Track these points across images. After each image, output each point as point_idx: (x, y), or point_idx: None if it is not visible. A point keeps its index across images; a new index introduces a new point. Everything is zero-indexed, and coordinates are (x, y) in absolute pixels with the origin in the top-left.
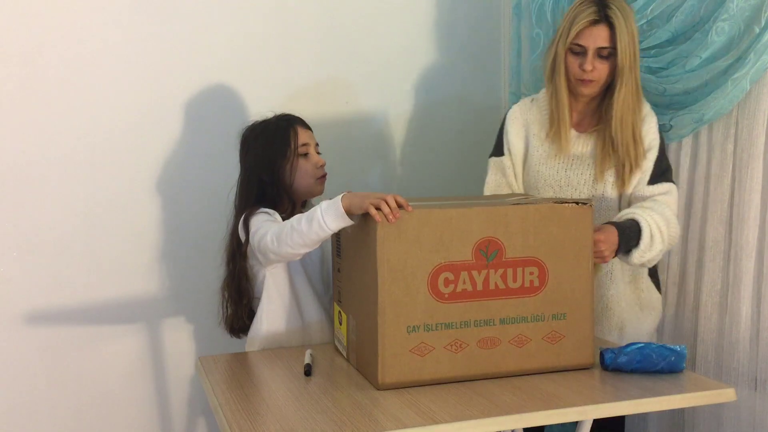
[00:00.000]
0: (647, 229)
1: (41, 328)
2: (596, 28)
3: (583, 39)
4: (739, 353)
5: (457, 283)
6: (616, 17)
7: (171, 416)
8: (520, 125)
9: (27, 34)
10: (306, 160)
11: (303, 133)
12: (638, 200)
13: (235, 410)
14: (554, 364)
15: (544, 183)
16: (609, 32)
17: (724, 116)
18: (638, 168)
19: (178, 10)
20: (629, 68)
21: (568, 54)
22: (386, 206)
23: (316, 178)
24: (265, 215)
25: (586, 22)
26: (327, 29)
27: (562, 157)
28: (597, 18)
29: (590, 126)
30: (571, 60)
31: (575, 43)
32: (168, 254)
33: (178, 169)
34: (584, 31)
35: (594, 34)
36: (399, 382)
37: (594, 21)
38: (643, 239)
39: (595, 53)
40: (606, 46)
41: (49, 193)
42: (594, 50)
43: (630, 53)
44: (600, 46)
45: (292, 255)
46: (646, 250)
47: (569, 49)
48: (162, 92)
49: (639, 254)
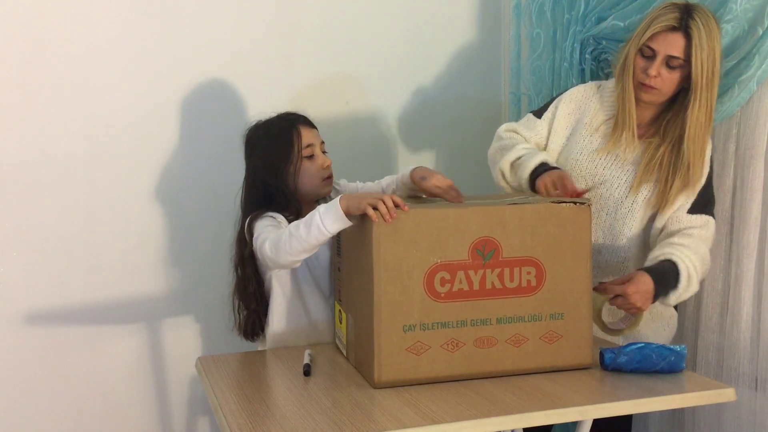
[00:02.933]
0: (685, 273)
1: (41, 328)
2: (672, 35)
3: (655, 43)
4: (739, 353)
5: (453, 283)
6: (697, 29)
7: (171, 416)
8: (575, 106)
9: (27, 34)
10: (311, 162)
11: (307, 133)
12: (673, 226)
13: (235, 410)
14: (551, 363)
15: (579, 173)
16: (685, 42)
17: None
18: (692, 190)
19: (179, 11)
20: (706, 86)
21: (638, 55)
22: (383, 206)
23: (322, 179)
24: (269, 219)
25: (664, 26)
26: (327, 29)
27: (606, 155)
28: (676, 25)
29: (643, 134)
30: (639, 62)
31: (647, 46)
32: (168, 254)
33: (179, 169)
34: (659, 35)
35: (668, 40)
36: (395, 380)
37: (672, 27)
38: (681, 282)
39: (664, 61)
40: (677, 56)
41: (49, 193)
42: (663, 57)
43: (708, 70)
44: (671, 55)
45: (291, 262)
46: (684, 291)
47: (640, 51)
48: (163, 92)
49: (676, 296)
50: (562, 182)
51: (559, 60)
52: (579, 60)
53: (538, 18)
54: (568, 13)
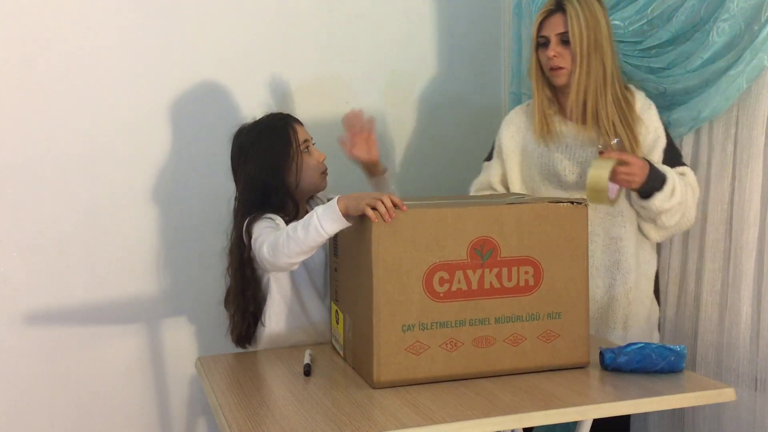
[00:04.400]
0: (671, 182)
1: (41, 328)
2: (553, 17)
3: (544, 30)
4: (739, 353)
5: (452, 283)
6: (571, 4)
7: (171, 416)
8: (515, 129)
9: (26, 34)
10: (309, 156)
11: (300, 129)
12: None
13: (235, 410)
14: (549, 362)
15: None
16: (564, 18)
17: (724, 116)
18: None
19: (178, 12)
20: (586, 53)
21: (538, 50)
22: (382, 206)
23: (320, 173)
24: (267, 221)
25: (544, 12)
26: (327, 29)
27: (558, 146)
28: (554, 8)
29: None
30: (541, 54)
31: (540, 36)
32: (168, 254)
33: (178, 170)
34: (544, 22)
35: (552, 22)
36: (394, 380)
37: (551, 11)
38: (666, 185)
39: (558, 40)
40: (563, 31)
41: (48, 193)
42: (555, 37)
43: (588, 38)
44: (558, 32)
45: (289, 265)
46: (666, 199)
47: (537, 44)
48: (161, 92)
49: (660, 199)
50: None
51: None
52: None
53: None
54: None
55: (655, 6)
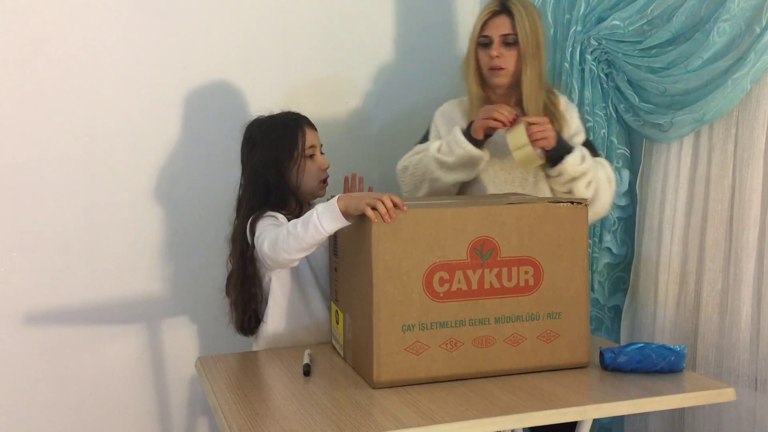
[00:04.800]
0: (579, 150)
1: (41, 328)
2: (498, 18)
3: (488, 30)
4: (739, 353)
5: (452, 283)
6: (516, 7)
7: (171, 416)
8: (450, 119)
9: (26, 33)
10: (312, 162)
11: (310, 134)
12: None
13: (235, 410)
14: (549, 362)
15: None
16: (510, 21)
17: (724, 116)
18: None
19: (178, 9)
20: (532, 55)
21: (478, 49)
22: (382, 206)
23: (319, 181)
24: (270, 219)
25: (489, 13)
26: (327, 28)
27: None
28: (499, 9)
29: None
30: (482, 53)
31: (482, 35)
32: (168, 254)
33: (178, 169)
34: (488, 22)
35: (497, 23)
36: (394, 380)
37: (495, 12)
38: (576, 150)
39: (501, 41)
40: (509, 32)
41: (48, 192)
42: (499, 38)
43: (533, 41)
44: (503, 33)
45: (289, 261)
46: (577, 163)
47: (478, 44)
48: (161, 91)
49: (572, 162)
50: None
51: (559, 60)
52: (579, 60)
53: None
54: (568, 13)
55: (655, 6)
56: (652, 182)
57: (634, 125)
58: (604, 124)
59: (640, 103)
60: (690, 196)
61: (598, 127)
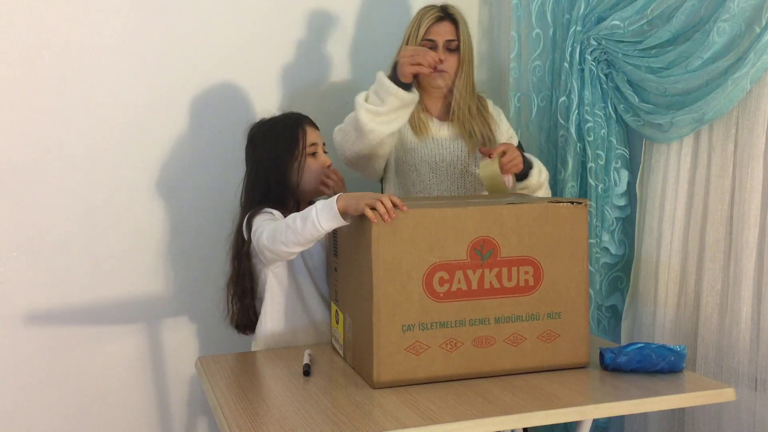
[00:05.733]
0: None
1: (41, 328)
2: (443, 24)
3: (432, 34)
4: (739, 353)
5: (452, 283)
6: (459, 16)
7: (171, 416)
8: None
9: (27, 33)
10: (314, 160)
11: (312, 132)
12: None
13: (235, 410)
14: (549, 362)
15: (420, 160)
16: (454, 28)
17: (724, 116)
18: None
19: (179, 9)
20: (468, 61)
21: None
22: (381, 206)
23: (319, 180)
24: (267, 215)
25: (434, 18)
26: (327, 29)
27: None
28: (443, 15)
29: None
30: None
31: (426, 39)
32: (168, 254)
33: (179, 169)
34: (432, 27)
35: (441, 29)
36: (394, 380)
37: (440, 18)
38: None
39: (444, 46)
40: (453, 38)
41: (49, 193)
42: (443, 43)
43: (470, 49)
44: (448, 39)
45: (286, 253)
46: (538, 174)
47: (422, 46)
48: (163, 91)
49: (536, 174)
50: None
51: (559, 60)
52: (579, 60)
53: (538, 18)
54: (568, 14)
55: (655, 6)
56: (652, 182)
57: (634, 125)
58: (604, 125)
59: (639, 103)
60: (690, 196)
61: (598, 127)
